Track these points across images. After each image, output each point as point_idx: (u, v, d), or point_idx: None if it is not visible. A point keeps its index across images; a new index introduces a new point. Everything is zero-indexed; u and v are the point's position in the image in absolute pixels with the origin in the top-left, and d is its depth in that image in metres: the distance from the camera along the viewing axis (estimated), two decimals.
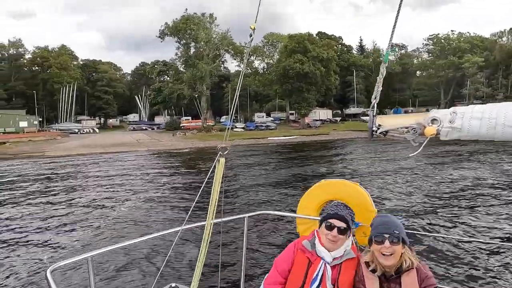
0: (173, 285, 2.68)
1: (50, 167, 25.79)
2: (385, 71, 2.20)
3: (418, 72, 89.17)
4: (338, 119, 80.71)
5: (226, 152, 2.37)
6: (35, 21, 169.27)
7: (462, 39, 76.01)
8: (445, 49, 74.97)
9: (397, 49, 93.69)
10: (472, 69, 67.69)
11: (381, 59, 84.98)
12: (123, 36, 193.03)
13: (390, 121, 2.14)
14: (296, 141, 46.00)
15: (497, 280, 6.07)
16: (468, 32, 79.35)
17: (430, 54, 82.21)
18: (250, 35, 2.49)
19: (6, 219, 11.47)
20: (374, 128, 2.14)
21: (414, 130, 2.01)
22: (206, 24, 61.27)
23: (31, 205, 13.42)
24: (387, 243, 2.08)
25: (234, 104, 2.97)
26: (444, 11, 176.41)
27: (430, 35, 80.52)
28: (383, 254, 2.09)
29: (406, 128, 2.04)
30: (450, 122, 1.93)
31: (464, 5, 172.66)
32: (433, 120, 1.99)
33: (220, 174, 2.34)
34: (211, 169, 2.34)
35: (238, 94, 2.76)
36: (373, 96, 2.19)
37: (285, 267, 2.38)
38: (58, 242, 8.90)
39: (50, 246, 8.64)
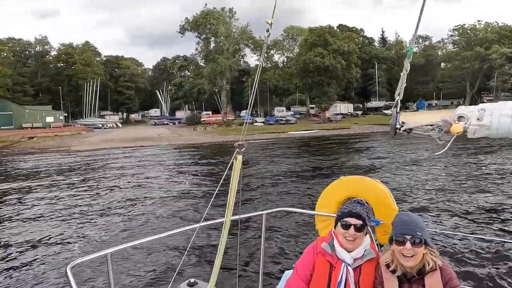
0: (192, 280, 2.70)
1: (76, 161, 26.51)
2: (409, 67, 2.11)
3: (442, 64, 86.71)
4: (360, 112, 79.52)
5: (243, 149, 2.34)
6: (60, 19, 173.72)
7: (489, 30, 73.36)
8: (471, 40, 72.51)
9: (420, 41, 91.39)
10: (499, 60, 65.22)
11: (404, 51, 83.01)
12: (144, 32, 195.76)
13: (414, 118, 2.06)
14: (316, 135, 45.65)
15: None
16: (496, 22, 76.61)
17: (456, 46, 79.65)
18: (267, 30, 2.42)
19: (31, 208, 11.93)
20: (398, 126, 2.06)
21: (439, 128, 1.92)
22: (226, 18, 61.38)
23: (55, 198, 13.84)
24: (408, 244, 2.01)
25: (252, 99, 2.92)
26: (468, 2, 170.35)
27: (455, 26, 78.13)
28: (404, 255, 2.03)
29: (431, 125, 1.96)
30: (478, 119, 1.83)
31: None
32: (460, 117, 1.89)
33: (237, 171, 2.31)
34: (228, 167, 2.32)
35: (256, 89, 2.72)
36: (396, 93, 2.11)
37: (307, 272, 2.32)
38: (78, 237, 9.11)
39: (71, 241, 8.83)
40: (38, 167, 23.67)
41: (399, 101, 2.11)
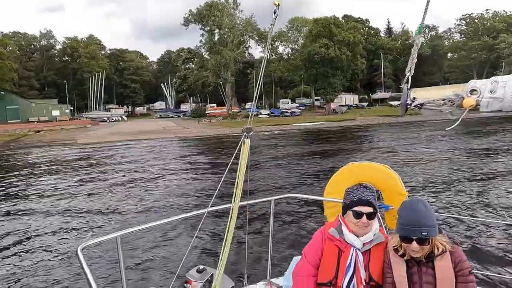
0: (201, 267, 2.70)
1: (82, 153, 26.66)
2: (420, 43, 2.07)
3: (449, 54, 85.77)
4: (365, 104, 78.96)
5: (251, 133, 2.32)
6: (64, 14, 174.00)
7: (497, 19, 72.30)
8: (479, 30, 71.56)
9: (427, 31, 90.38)
10: (507, 50, 64.37)
11: (409, 41, 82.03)
12: (148, 25, 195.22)
13: (426, 93, 2.03)
14: (321, 127, 45.53)
15: None
16: (504, 11, 75.41)
17: (463, 35, 78.72)
18: (274, 12, 2.34)
19: (44, 197, 12.03)
20: (409, 101, 2.03)
21: (451, 102, 1.89)
22: (230, 10, 60.95)
23: (65, 188, 13.99)
24: (414, 244, 1.98)
25: (257, 90, 2.86)
26: None
27: (462, 15, 77.17)
28: (412, 250, 2.02)
29: (443, 100, 1.92)
30: (491, 92, 1.80)
31: None
32: (472, 91, 1.86)
33: (245, 155, 2.31)
34: (236, 151, 2.32)
35: (261, 81, 2.67)
36: (407, 69, 2.07)
37: (316, 257, 2.31)
38: (88, 222, 9.30)
39: (81, 226, 9.03)
40: (46, 159, 23.87)
41: (409, 77, 2.08)
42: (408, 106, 2.04)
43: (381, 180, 3.20)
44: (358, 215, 2.21)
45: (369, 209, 2.21)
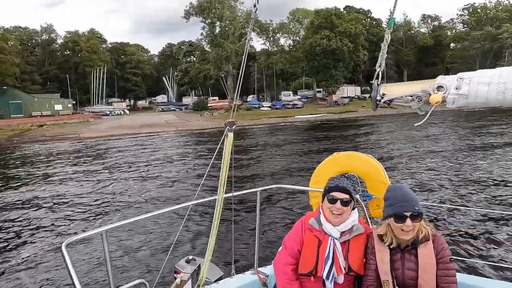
0: (190, 257, 2.74)
1: (86, 147, 26.80)
2: (389, 37, 2.12)
3: (452, 44, 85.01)
4: (367, 95, 78.42)
5: (234, 126, 2.35)
6: (64, 8, 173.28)
7: (500, 8, 71.49)
8: (482, 20, 70.80)
9: (429, 21, 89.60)
10: (510, 39, 63.69)
11: (412, 32, 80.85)
12: (149, 19, 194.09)
13: (395, 90, 2.06)
14: (323, 119, 45.47)
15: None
16: (507, 0, 74.55)
17: (465, 25, 77.94)
18: (254, 5, 2.38)
19: (39, 193, 12.20)
20: (378, 98, 2.07)
21: (419, 99, 1.93)
22: (231, 2, 60.51)
23: (54, 184, 14.21)
24: (408, 221, 2.02)
25: (239, 83, 2.84)
26: None
27: (465, 5, 76.35)
28: (404, 230, 2.05)
29: (411, 96, 1.96)
30: (456, 88, 1.83)
31: None
32: (439, 87, 1.89)
33: (228, 149, 2.33)
34: (219, 145, 2.36)
35: (242, 73, 2.67)
36: (377, 64, 2.12)
37: (295, 247, 2.35)
38: (74, 217, 9.41)
39: (67, 221, 9.12)
40: (49, 153, 24.02)
41: (380, 72, 2.12)
42: (378, 102, 2.07)
43: (365, 170, 3.24)
44: (333, 200, 2.25)
45: (343, 196, 2.24)
